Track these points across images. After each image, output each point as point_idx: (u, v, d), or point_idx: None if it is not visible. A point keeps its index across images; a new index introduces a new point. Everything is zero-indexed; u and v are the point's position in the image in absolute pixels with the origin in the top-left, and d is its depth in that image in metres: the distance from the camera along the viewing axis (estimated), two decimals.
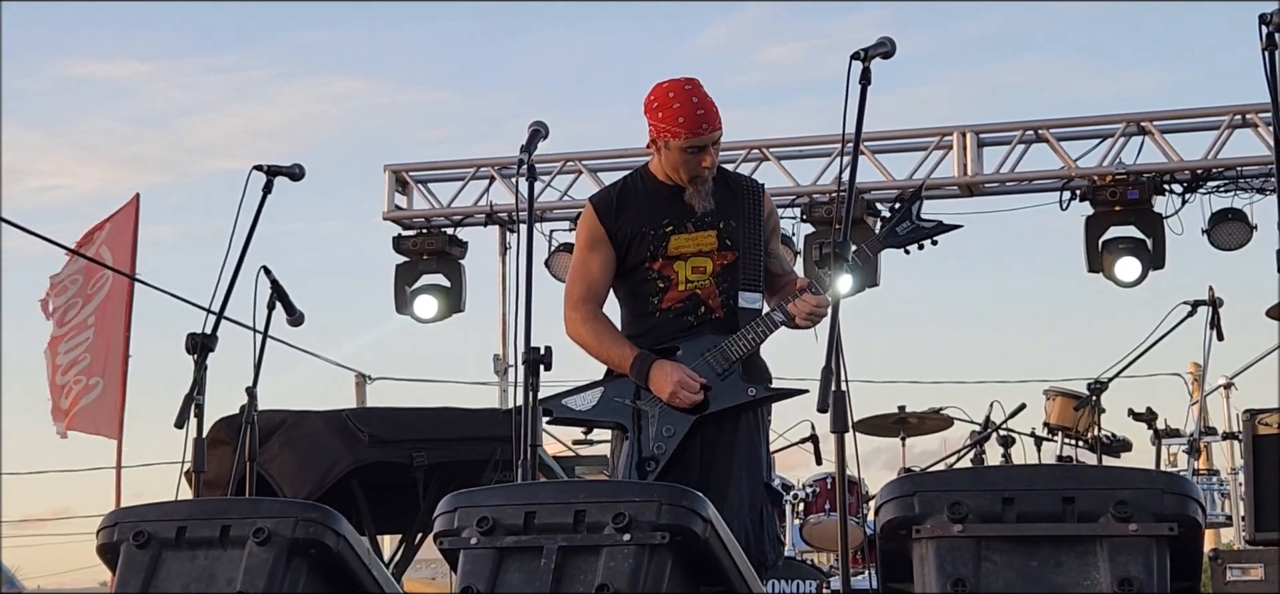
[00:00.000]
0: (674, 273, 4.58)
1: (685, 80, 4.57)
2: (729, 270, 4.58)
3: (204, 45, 24.21)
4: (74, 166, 25.12)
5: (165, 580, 3.45)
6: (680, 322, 4.57)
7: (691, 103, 4.51)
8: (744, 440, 4.53)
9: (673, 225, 4.59)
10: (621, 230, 4.61)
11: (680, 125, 4.50)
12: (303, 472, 6.04)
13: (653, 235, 4.58)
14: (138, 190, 9.50)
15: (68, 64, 24.42)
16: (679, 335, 4.56)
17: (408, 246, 11.37)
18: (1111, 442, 8.05)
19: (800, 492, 7.41)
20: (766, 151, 10.82)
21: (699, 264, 4.58)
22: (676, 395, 4.44)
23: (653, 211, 4.61)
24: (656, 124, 4.56)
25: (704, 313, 4.57)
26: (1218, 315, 7.47)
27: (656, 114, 4.55)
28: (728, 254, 4.59)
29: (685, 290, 4.57)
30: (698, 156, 4.53)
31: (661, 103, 4.53)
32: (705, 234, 4.59)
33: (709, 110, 4.53)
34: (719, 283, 4.57)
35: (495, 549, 3.20)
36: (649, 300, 4.60)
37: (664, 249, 4.58)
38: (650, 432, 4.49)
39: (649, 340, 4.57)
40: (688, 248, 4.58)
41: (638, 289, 4.63)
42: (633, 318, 4.66)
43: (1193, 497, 3.02)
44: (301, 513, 3.45)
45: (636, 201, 4.64)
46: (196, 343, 4.56)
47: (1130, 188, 10.15)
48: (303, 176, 4.97)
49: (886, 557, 3.19)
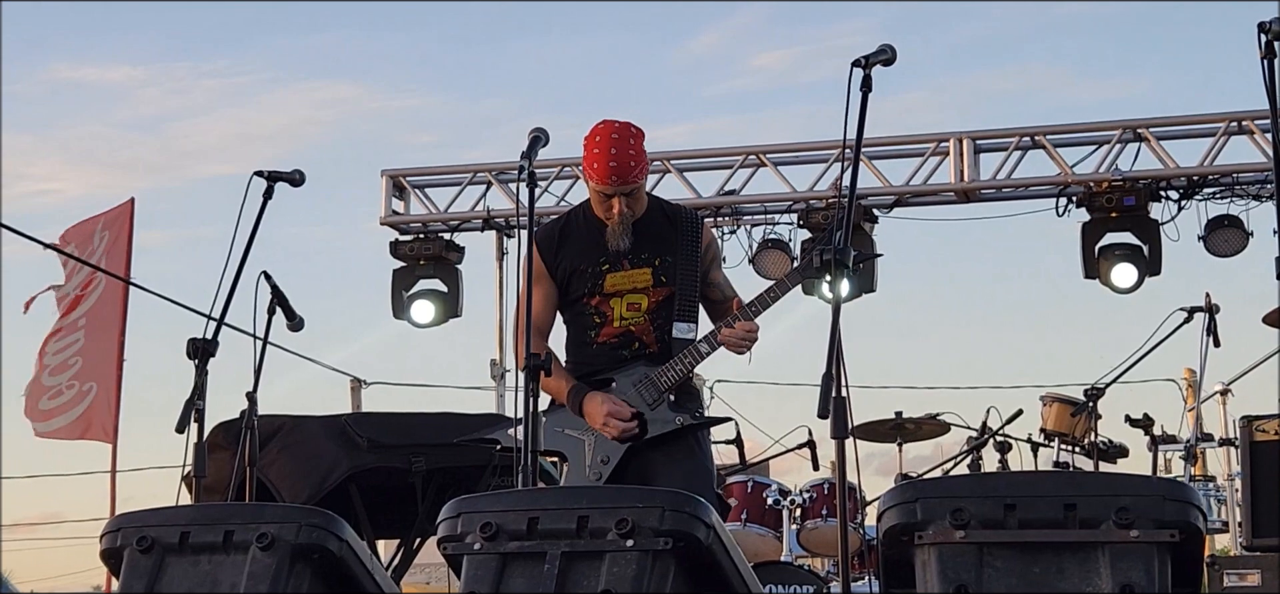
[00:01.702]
0: (610, 309, 4.78)
1: (617, 128, 4.68)
2: (664, 305, 4.77)
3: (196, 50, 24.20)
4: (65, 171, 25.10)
5: (168, 585, 3.46)
6: (615, 355, 4.77)
7: (610, 153, 4.64)
8: (681, 461, 4.69)
9: (609, 264, 4.77)
10: (562, 267, 4.80)
11: (594, 170, 4.68)
12: (301, 477, 6.04)
13: (590, 273, 4.78)
14: (131, 195, 9.47)
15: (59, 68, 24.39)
16: (613, 367, 4.77)
17: (405, 251, 11.37)
18: (1108, 448, 8.06)
19: (797, 497, 7.41)
20: (763, 157, 10.83)
21: (634, 301, 4.78)
22: (608, 426, 4.65)
23: (590, 249, 4.79)
24: (584, 157, 4.72)
25: (638, 348, 4.78)
26: (1214, 322, 7.48)
27: (585, 149, 4.71)
28: (663, 290, 4.77)
29: (619, 326, 4.78)
30: (608, 202, 4.69)
31: (589, 142, 4.70)
32: (640, 272, 4.77)
33: (624, 165, 4.64)
34: (653, 319, 4.77)
35: (499, 554, 3.21)
36: (587, 333, 4.81)
37: (600, 286, 4.77)
38: (587, 458, 4.71)
39: (585, 370, 4.78)
40: (623, 285, 4.77)
41: (577, 321, 4.84)
42: (573, 349, 4.88)
43: (1194, 503, 3.04)
44: (304, 518, 3.47)
45: (576, 238, 4.82)
46: (197, 348, 4.56)
47: (1126, 194, 10.16)
48: (303, 182, 4.97)
49: (889, 563, 3.21)
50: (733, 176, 10.90)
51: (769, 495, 7.29)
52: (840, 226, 4.61)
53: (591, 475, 4.69)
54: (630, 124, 4.71)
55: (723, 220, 10.81)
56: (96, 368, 9.10)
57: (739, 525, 7.12)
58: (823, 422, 3.54)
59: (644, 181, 4.76)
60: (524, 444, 3.90)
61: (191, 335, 4.57)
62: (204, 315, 4.65)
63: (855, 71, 3.87)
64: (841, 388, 3.51)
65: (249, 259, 4.75)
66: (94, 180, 24.34)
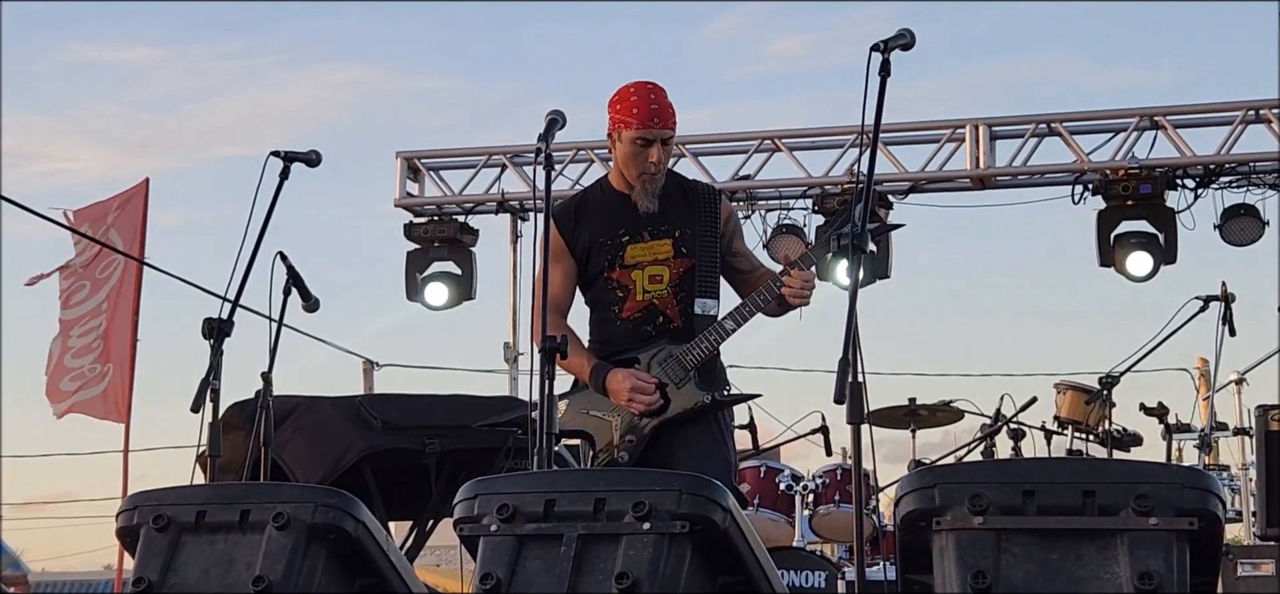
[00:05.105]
0: (631, 281, 4.71)
1: (649, 82, 4.69)
2: (686, 278, 4.70)
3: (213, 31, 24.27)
4: (81, 151, 25.21)
5: (184, 564, 3.47)
6: (639, 331, 4.70)
7: (648, 97, 4.63)
8: (705, 444, 4.64)
9: (629, 235, 4.71)
10: (580, 240, 4.74)
11: (633, 115, 4.61)
12: (315, 457, 6.04)
13: (609, 245, 4.71)
14: (146, 176, 9.47)
15: (76, 48, 24.48)
16: (637, 345, 4.68)
17: (419, 234, 11.37)
18: (1122, 436, 8.04)
19: (810, 483, 7.40)
20: (779, 142, 10.82)
21: (656, 273, 4.71)
22: (632, 400, 4.57)
23: (610, 221, 4.73)
24: (613, 115, 4.67)
25: (662, 322, 4.70)
26: (1230, 310, 7.46)
27: (615, 106, 4.67)
28: (683, 262, 4.70)
29: (643, 300, 4.71)
30: (645, 150, 4.63)
31: (621, 96, 4.66)
32: (660, 243, 4.71)
33: (663, 108, 4.64)
34: (676, 291, 4.70)
35: (515, 537, 3.21)
36: (609, 309, 4.74)
37: (620, 258, 4.71)
38: (614, 439, 4.63)
39: (609, 349, 4.71)
40: (644, 257, 4.71)
41: (599, 297, 4.77)
42: (595, 326, 4.81)
43: (1213, 491, 3.02)
44: (321, 498, 3.47)
45: (594, 211, 4.77)
46: (213, 328, 4.56)
47: (1143, 182, 10.14)
48: (319, 163, 4.96)
49: (906, 548, 3.20)
50: (748, 161, 10.90)
51: (781, 480, 7.29)
52: (841, 216, 4.64)
53: (618, 455, 4.60)
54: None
55: (738, 204, 10.79)
56: (114, 349, 9.12)
57: (752, 511, 7.12)
58: (836, 407, 3.53)
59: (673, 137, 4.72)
60: (540, 426, 3.90)
61: (207, 315, 4.58)
62: (219, 296, 4.66)
63: (873, 56, 3.85)
64: (858, 373, 3.50)
65: (264, 240, 4.75)
66: (110, 160, 24.44)
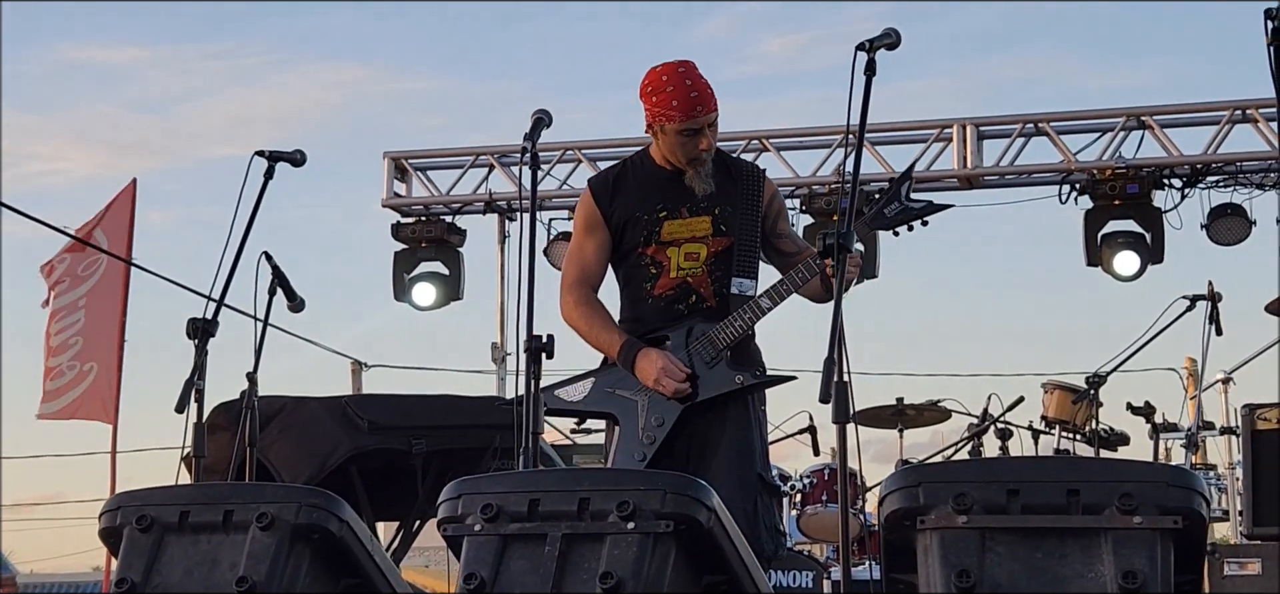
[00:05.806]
0: (666, 258, 4.54)
1: (679, 63, 4.52)
2: (723, 257, 4.54)
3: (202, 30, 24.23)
4: (71, 151, 25.15)
5: (168, 565, 3.45)
6: (671, 309, 4.54)
7: (685, 86, 4.46)
8: (734, 431, 4.50)
9: (667, 210, 4.55)
10: (616, 214, 4.58)
11: (675, 108, 4.45)
12: (302, 458, 6.04)
13: (646, 220, 4.55)
14: (134, 176, 9.46)
15: (65, 48, 24.43)
16: (669, 323, 4.52)
17: (406, 234, 11.36)
18: (1109, 435, 8.06)
19: (797, 483, 7.40)
20: (766, 142, 10.82)
21: (692, 251, 4.54)
22: (660, 383, 4.42)
23: (648, 196, 4.57)
24: (651, 108, 4.52)
25: (695, 301, 4.53)
26: (1217, 310, 7.47)
27: (651, 98, 4.51)
28: (722, 240, 4.54)
29: (677, 277, 4.54)
30: (694, 139, 4.49)
31: (656, 87, 4.49)
32: (699, 220, 4.54)
33: (703, 92, 4.47)
34: (712, 270, 4.53)
35: (499, 536, 3.20)
36: (642, 285, 4.57)
37: (657, 234, 4.54)
38: (640, 421, 4.47)
39: (639, 327, 4.55)
40: (681, 234, 4.55)
41: (632, 274, 4.60)
42: (627, 303, 4.64)
43: (1197, 490, 3.02)
44: (305, 498, 3.45)
45: (633, 185, 4.61)
46: (197, 328, 4.54)
47: (1130, 182, 10.15)
48: (304, 162, 4.95)
49: (890, 548, 3.19)
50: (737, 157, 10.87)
51: None
52: (888, 194, 4.57)
53: (645, 439, 4.44)
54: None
55: None
56: (97, 348, 9.11)
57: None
58: (823, 407, 3.52)
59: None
60: (524, 426, 3.88)
61: (192, 315, 4.56)
62: (204, 296, 4.64)
63: (859, 55, 3.85)
64: (843, 373, 3.50)
65: (250, 239, 4.73)
66: (99, 160, 24.40)
